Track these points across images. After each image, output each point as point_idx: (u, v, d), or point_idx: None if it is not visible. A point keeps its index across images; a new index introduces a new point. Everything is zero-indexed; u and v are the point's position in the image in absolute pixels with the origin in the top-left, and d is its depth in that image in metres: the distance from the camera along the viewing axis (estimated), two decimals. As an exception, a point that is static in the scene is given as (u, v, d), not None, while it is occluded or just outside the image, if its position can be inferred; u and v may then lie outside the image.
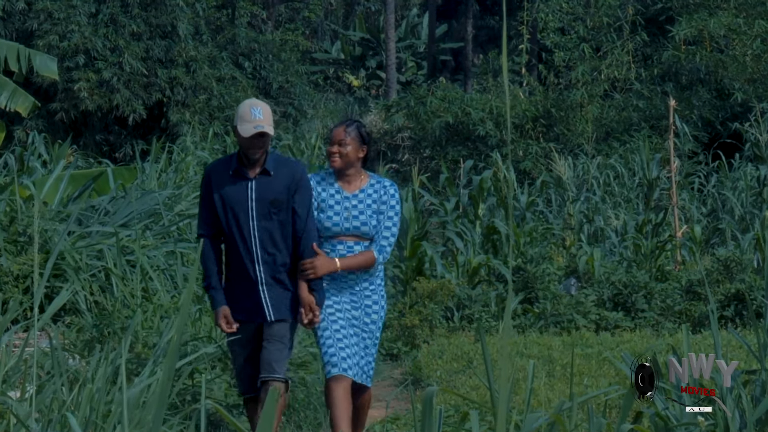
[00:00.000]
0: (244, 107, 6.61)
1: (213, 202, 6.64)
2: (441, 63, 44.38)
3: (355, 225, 6.77)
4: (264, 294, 6.61)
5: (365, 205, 6.81)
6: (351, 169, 6.84)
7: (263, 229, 6.57)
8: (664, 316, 11.74)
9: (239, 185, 6.61)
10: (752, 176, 17.58)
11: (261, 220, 6.57)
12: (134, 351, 7.95)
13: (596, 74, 23.69)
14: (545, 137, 23.07)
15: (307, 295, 6.59)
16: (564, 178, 16.88)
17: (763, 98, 21.58)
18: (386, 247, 6.80)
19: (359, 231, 6.77)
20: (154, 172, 15.79)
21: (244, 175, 6.62)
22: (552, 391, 8.57)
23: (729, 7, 23.29)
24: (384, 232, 6.81)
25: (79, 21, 22.95)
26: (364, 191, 6.85)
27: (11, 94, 13.88)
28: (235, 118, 6.66)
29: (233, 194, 6.60)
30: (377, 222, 6.80)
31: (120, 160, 22.43)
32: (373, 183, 6.89)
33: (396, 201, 6.87)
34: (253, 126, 6.51)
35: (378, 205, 6.83)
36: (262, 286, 6.61)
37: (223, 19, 27.78)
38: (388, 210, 6.84)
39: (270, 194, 6.58)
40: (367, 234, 6.77)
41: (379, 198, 6.84)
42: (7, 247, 10.13)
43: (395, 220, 6.85)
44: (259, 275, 6.60)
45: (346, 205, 6.79)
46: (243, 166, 6.63)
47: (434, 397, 3.59)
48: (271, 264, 6.59)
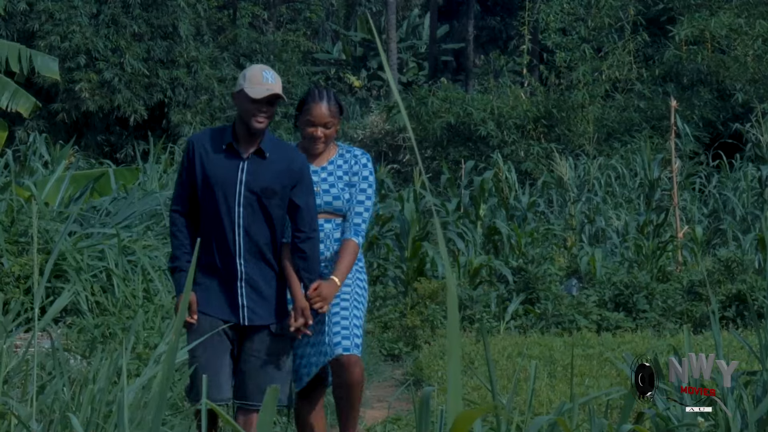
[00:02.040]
0: (254, 70, 5.78)
1: (194, 177, 5.76)
2: (442, 63, 44.36)
3: (326, 200, 6.01)
4: (241, 292, 5.75)
5: (335, 178, 6.07)
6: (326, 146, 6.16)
7: (250, 218, 5.72)
8: (665, 316, 11.73)
9: (229, 164, 5.73)
10: (753, 177, 17.57)
11: (248, 208, 5.72)
12: (135, 351, 7.95)
13: (597, 75, 23.69)
14: (546, 138, 23.07)
15: (301, 299, 5.80)
16: (565, 178, 16.88)
17: (764, 99, 21.57)
18: (361, 225, 6.05)
19: (331, 207, 6.02)
20: (155, 173, 15.79)
21: (237, 153, 5.74)
22: (553, 391, 8.57)
23: (730, 8, 23.28)
24: (356, 208, 6.05)
25: (80, 22, 22.97)
26: (333, 162, 6.11)
27: (12, 95, 13.88)
28: (238, 83, 5.80)
29: (220, 173, 5.72)
30: (350, 195, 6.05)
31: (121, 161, 22.44)
32: (343, 153, 6.15)
33: (369, 171, 6.11)
34: (265, 89, 5.67)
35: (350, 177, 6.07)
36: (241, 283, 5.75)
37: (224, 19, 27.80)
38: (360, 182, 6.08)
39: (262, 180, 5.73)
40: (340, 210, 6.04)
41: (350, 169, 6.09)
42: (8, 247, 10.13)
43: (369, 193, 6.08)
44: (239, 271, 5.74)
45: (315, 180, 5.99)
46: (236, 142, 5.76)
47: (431, 398, 3.59)
48: (254, 260, 5.74)
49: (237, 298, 5.75)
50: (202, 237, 5.69)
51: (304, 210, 5.79)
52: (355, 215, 6.04)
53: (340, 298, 5.99)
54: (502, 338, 10.97)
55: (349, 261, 5.98)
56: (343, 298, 6.01)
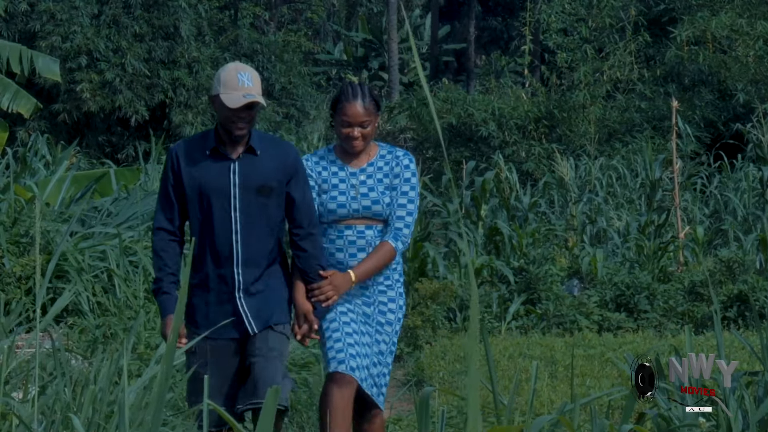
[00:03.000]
0: (229, 72, 5.33)
1: (181, 189, 5.38)
2: (443, 64, 44.36)
3: (365, 205, 5.61)
4: (241, 303, 5.38)
5: (375, 180, 5.64)
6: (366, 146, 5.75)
7: (247, 222, 5.36)
8: (666, 317, 11.73)
9: (218, 168, 5.36)
10: (755, 177, 17.56)
11: (244, 211, 5.35)
12: (137, 352, 7.95)
13: (599, 75, 23.68)
14: (548, 138, 23.07)
15: (303, 303, 5.45)
16: (566, 179, 16.87)
17: (765, 99, 21.56)
18: (403, 229, 5.59)
19: (370, 212, 5.61)
20: (156, 173, 15.79)
21: (225, 155, 5.38)
22: (554, 392, 8.56)
23: (732, 8, 23.27)
24: (398, 212, 5.60)
25: (81, 22, 22.97)
26: (373, 164, 5.68)
27: (14, 96, 13.89)
28: (214, 86, 5.39)
29: (210, 179, 5.35)
30: (391, 199, 5.62)
31: (122, 161, 22.44)
32: (384, 154, 5.73)
33: (412, 173, 5.67)
34: (241, 94, 5.27)
35: (391, 179, 5.64)
36: (239, 293, 5.38)
37: (225, 20, 27.80)
38: (402, 184, 5.63)
39: (257, 179, 5.38)
40: (380, 215, 5.61)
41: (391, 171, 5.65)
42: (9, 248, 10.13)
43: (411, 196, 5.62)
44: (237, 280, 5.37)
45: (353, 182, 5.62)
46: (222, 145, 5.40)
47: (431, 399, 3.59)
48: (253, 266, 5.39)
49: (238, 309, 5.38)
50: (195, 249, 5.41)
51: (301, 204, 5.46)
52: (397, 219, 5.62)
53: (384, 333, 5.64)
54: (503, 338, 10.97)
55: (376, 261, 5.57)
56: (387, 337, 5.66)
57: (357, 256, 5.61)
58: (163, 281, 5.41)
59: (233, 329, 5.36)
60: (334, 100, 5.71)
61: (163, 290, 5.40)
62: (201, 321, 5.37)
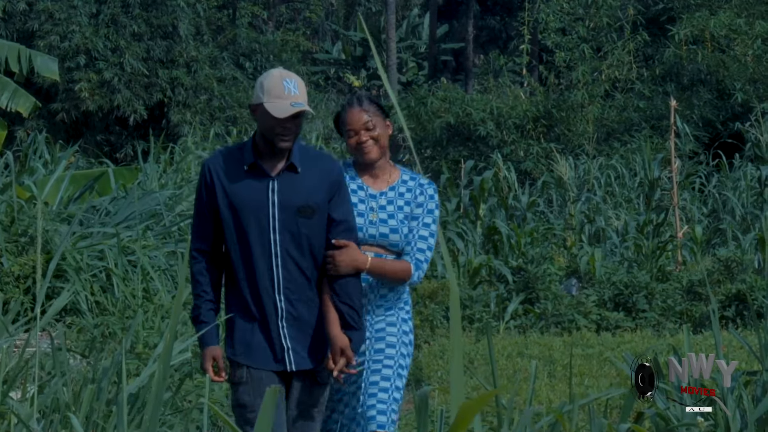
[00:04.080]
0: (274, 79, 4.89)
1: (216, 207, 4.97)
2: (442, 63, 44.36)
3: (382, 232, 5.21)
4: (284, 333, 4.95)
5: (396, 207, 5.26)
6: (383, 159, 5.31)
7: (287, 244, 4.91)
8: (665, 316, 11.73)
9: (256, 185, 4.92)
10: (753, 176, 17.57)
11: (285, 233, 4.91)
12: (135, 351, 7.95)
13: (597, 75, 23.69)
14: (546, 138, 23.08)
15: (338, 335, 4.96)
16: (565, 178, 16.87)
17: (763, 98, 21.58)
18: (422, 263, 5.21)
19: (386, 240, 5.21)
20: (155, 173, 15.79)
21: (264, 172, 4.93)
22: (553, 391, 8.57)
23: (730, 7, 23.29)
24: (419, 244, 5.21)
25: (80, 21, 22.97)
26: (395, 189, 5.30)
27: (12, 95, 13.88)
28: (256, 94, 4.97)
29: (248, 197, 4.92)
30: (409, 230, 5.24)
31: (121, 161, 22.45)
32: (407, 179, 5.34)
33: (435, 205, 5.31)
34: (288, 103, 4.84)
35: (412, 208, 5.28)
36: (281, 323, 4.94)
37: (224, 19, 27.80)
38: (424, 215, 5.26)
39: (298, 198, 4.93)
40: (396, 245, 5.22)
41: (414, 199, 5.29)
42: (8, 247, 10.13)
43: (433, 229, 5.26)
44: (279, 307, 4.93)
45: (372, 206, 5.24)
46: (261, 160, 4.95)
47: (429, 398, 3.59)
48: (295, 291, 4.95)
49: (279, 341, 4.96)
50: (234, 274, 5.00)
51: (341, 225, 5.02)
52: (418, 251, 5.22)
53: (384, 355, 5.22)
54: (502, 338, 10.97)
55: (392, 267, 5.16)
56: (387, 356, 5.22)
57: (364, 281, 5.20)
58: (202, 309, 5.01)
59: (274, 362, 4.97)
60: (335, 119, 5.41)
61: (202, 319, 5.00)
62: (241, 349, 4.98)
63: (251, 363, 4.95)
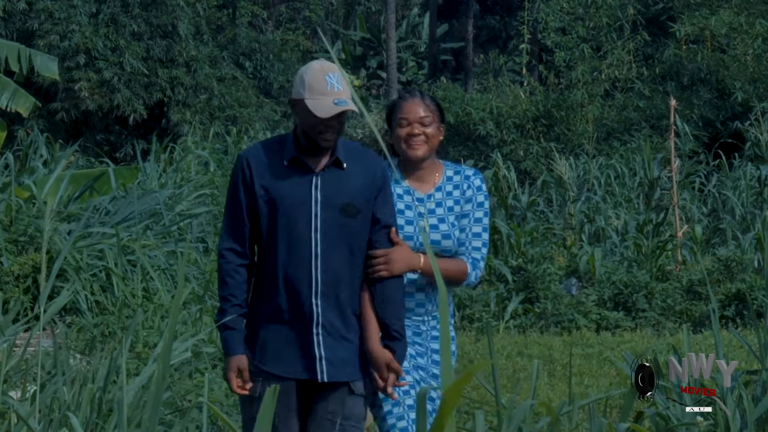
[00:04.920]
0: (316, 73, 4.54)
1: (253, 203, 4.60)
2: (442, 63, 44.36)
3: (433, 239, 4.82)
4: (318, 341, 4.57)
5: (445, 209, 4.87)
6: (429, 160, 4.91)
7: (329, 245, 4.55)
8: (664, 315, 11.74)
9: (298, 181, 4.57)
10: (753, 176, 17.58)
11: (326, 233, 4.55)
12: (135, 351, 7.95)
13: (597, 74, 23.69)
14: (546, 137, 23.07)
15: (380, 350, 4.56)
16: (565, 178, 16.88)
17: (763, 98, 21.58)
18: (479, 261, 4.83)
19: (439, 247, 4.81)
20: (154, 172, 15.79)
21: (306, 167, 4.59)
22: (553, 390, 8.57)
23: (730, 6, 23.29)
24: (474, 242, 4.83)
25: (79, 21, 22.97)
26: (441, 189, 4.91)
27: (12, 95, 13.87)
28: (296, 89, 4.61)
29: (289, 194, 4.56)
30: (461, 231, 4.85)
31: (121, 160, 22.44)
32: (451, 175, 4.94)
33: (484, 196, 4.91)
34: (332, 100, 4.49)
35: (462, 206, 4.88)
36: (317, 329, 4.56)
37: (223, 18, 27.81)
38: (475, 209, 4.87)
39: (342, 196, 4.58)
40: (449, 251, 4.83)
41: (462, 195, 4.89)
42: (7, 246, 10.13)
43: (485, 224, 4.87)
44: (315, 312, 4.55)
45: (420, 211, 4.86)
46: (303, 155, 4.60)
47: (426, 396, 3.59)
48: (333, 297, 4.57)
49: (312, 349, 4.57)
50: (266, 276, 4.62)
51: (385, 226, 4.68)
52: (473, 250, 4.82)
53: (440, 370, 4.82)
54: (502, 337, 10.98)
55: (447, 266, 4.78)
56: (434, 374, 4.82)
57: (415, 296, 4.81)
58: (228, 313, 4.61)
59: (305, 370, 4.58)
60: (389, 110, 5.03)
61: (229, 325, 4.61)
62: (269, 357, 4.60)
63: (274, 370, 4.58)
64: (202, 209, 12.99)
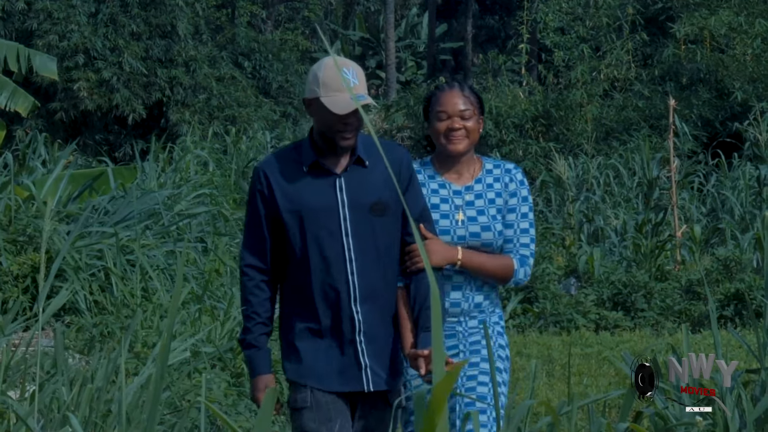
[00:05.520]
0: (330, 70, 4.31)
1: (277, 216, 4.38)
2: (441, 62, 44.36)
3: (472, 231, 4.60)
4: (361, 349, 4.36)
5: (486, 201, 4.66)
6: (468, 154, 4.73)
7: (362, 248, 4.35)
8: (663, 315, 11.74)
9: (321, 186, 4.36)
10: (752, 176, 17.58)
11: (358, 236, 4.35)
12: (134, 351, 7.95)
13: (596, 74, 23.70)
14: (545, 137, 23.07)
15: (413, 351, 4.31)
16: (564, 177, 16.87)
17: (762, 98, 21.57)
18: (527, 258, 4.64)
19: (479, 240, 4.60)
20: (153, 172, 15.78)
21: (327, 170, 4.38)
22: (552, 390, 8.57)
23: (729, 6, 23.29)
24: (522, 238, 4.64)
25: (78, 21, 22.96)
26: (481, 181, 4.70)
27: (11, 94, 13.87)
28: (309, 87, 4.40)
29: (313, 201, 4.35)
30: (503, 226, 4.64)
31: (119, 160, 22.44)
32: (491, 168, 4.73)
33: (527, 191, 4.75)
34: (349, 96, 4.23)
35: (504, 200, 4.67)
36: (359, 337, 4.36)
37: (222, 18, 27.81)
38: (520, 204, 4.66)
39: (369, 195, 4.37)
40: (490, 244, 4.61)
41: (505, 188, 4.69)
42: (6, 246, 10.12)
43: (532, 219, 4.69)
44: (357, 320, 4.35)
45: (458, 203, 4.65)
46: (322, 158, 4.39)
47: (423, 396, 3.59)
48: (374, 302, 4.36)
49: (356, 358, 4.36)
50: (300, 289, 4.41)
51: (418, 220, 4.48)
52: (521, 246, 4.63)
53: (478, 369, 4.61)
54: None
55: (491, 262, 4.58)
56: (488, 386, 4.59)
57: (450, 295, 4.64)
58: (252, 332, 4.42)
59: (348, 383, 4.38)
60: (426, 102, 4.82)
61: (252, 343, 4.42)
62: (307, 370, 4.40)
63: (319, 384, 4.37)
64: (201, 209, 12.99)
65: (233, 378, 7.91)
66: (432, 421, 1.72)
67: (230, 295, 9.26)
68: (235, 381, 7.94)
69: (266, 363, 4.43)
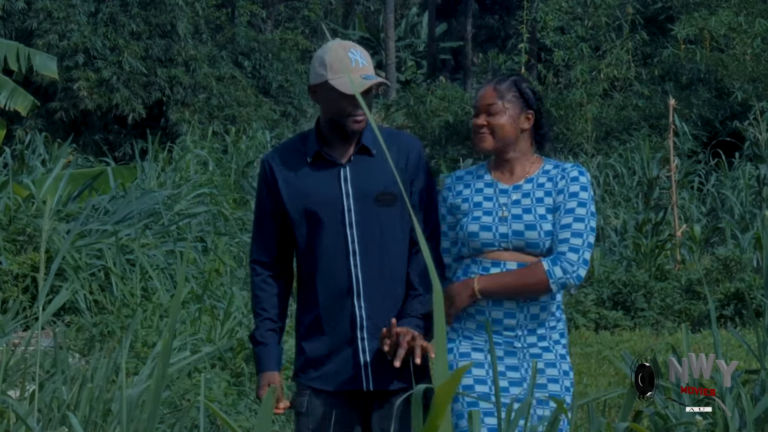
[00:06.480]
0: (335, 52, 4.13)
1: (281, 208, 4.26)
2: (440, 62, 44.37)
3: (515, 230, 4.21)
4: (362, 346, 4.18)
5: (533, 200, 4.27)
6: (512, 152, 4.34)
7: (366, 240, 4.16)
8: (663, 315, 11.74)
9: (325, 177, 4.20)
10: (752, 175, 17.58)
11: (362, 227, 4.16)
12: (134, 350, 7.96)
13: (595, 74, 23.70)
14: (545, 136, 23.06)
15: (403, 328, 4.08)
16: (563, 177, 16.87)
17: (762, 97, 21.58)
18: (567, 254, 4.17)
19: (523, 239, 4.21)
20: (153, 172, 15.79)
21: (331, 160, 4.22)
22: (551, 390, 8.56)
23: (729, 6, 23.29)
24: (561, 234, 4.18)
25: (78, 20, 22.96)
26: (533, 180, 4.32)
27: (11, 94, 13.88)
28: (316, 72, 4.19)
29: (316, 192, 4.20)
30: (552, 227, 4.22)
31: (119, 159, 22.44)
32: (549, 169, 4.34)
33: (581, 186, 4.24)
34: (360, 75, 4.09)
35: (554, 198, 4.25)
36: (361, 333, 4.18)
37: (222, 18, 27.81)
38: (566, 200, 4.22)
39: (375, 185, 4.18)
40: (536, 245, 4.19)
41: (555, 186, 4.28)
42: (6, 246, 10.12)
43: (580, 214, 4.20)
44: (358, 315, 4.17)
45: (502, 201, 4.29)
46: (327, 147, 4.24)
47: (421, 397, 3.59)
48: (378, 297, 4.18)
49: (357, 355, 4.19)
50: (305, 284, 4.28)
51: (424, 212, 4.32)
52: (560, 243, 4.17)
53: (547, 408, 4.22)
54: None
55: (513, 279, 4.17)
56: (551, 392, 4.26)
57: (503, 305, 4.24)
58: (259, 328, 4.30)
59: (354, 380, 4.20)
60: None
61: (260, 340, 4.30)
62: (312, 370, 4.26)
63: (319, 384, 4.24)
64: (201, 209, 13.00)
65: (233, 377, 7.91)
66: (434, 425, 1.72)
67: (230, 295, 9.26)
68: (235, 380, 7.94)
69: (272, 360, 4.28)
